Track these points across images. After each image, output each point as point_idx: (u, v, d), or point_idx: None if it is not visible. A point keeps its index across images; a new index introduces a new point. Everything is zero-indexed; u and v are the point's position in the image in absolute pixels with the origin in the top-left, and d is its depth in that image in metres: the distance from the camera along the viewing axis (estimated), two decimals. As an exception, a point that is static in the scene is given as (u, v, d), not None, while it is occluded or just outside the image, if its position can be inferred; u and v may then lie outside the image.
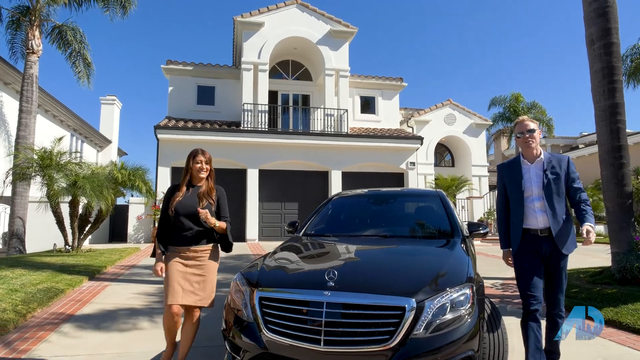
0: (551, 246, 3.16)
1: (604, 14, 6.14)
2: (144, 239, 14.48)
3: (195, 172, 3.43)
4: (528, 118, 3.30)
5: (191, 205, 3.33)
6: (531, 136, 3.23)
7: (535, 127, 3.24)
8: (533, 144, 3.24)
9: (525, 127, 3.26)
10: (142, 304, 5.80)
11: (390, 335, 2.55)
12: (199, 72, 16.77)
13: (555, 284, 3.23)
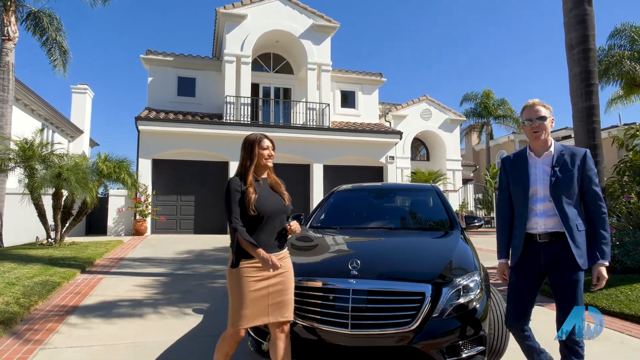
0: (552, 255, 2.60)
1: (582, 21, 6.58)
2: (124, 232, 14.32)
3: (263, 160, 2.82)
4: (540, 102, 2.70)
5: (276, 202, 2.81)
6: (541, 125, 2.65)
7: (547, 114, 2.66)
8: (543, 134, 2.66)
9: (535, 114, 2.66)
10: (143, 295, 5.88)
11: (411, 319, 2.81)
12: (179, 63, 16.57)
13: (564, 303, 2.57)
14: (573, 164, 2.62)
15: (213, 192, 15.27)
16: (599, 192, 2.61)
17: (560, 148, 2.71)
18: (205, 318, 4.86)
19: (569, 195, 2.60)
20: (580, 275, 2.56)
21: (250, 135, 2.89)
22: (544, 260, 2.62)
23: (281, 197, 2.88)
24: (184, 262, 8.72)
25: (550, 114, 2.71)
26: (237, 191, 2.71)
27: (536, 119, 2.67)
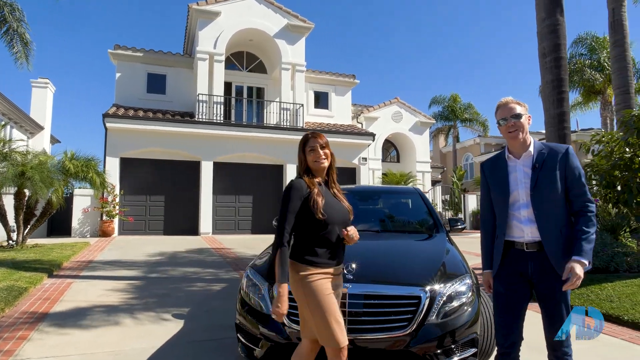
0: (540, 265, 2.36)
1: (555, 30, 6.84)
2: (90, 233, 13.77)
3: (313, 164, 2.48)
4: (513, 100, 2.50)
5: (340, 210, 2.51)
6: (517, 123, 2.43)
7: (522, 112, 2.45)
8: (520, 134, 2.44)
9: (510, 112, 2.44)
10: (117, 300, 5.66)
11: (408, 323, 2.83)
12: (149, 59, 16.10)
13: (553, 318, 2.37)
14: (555, 162, 2.40)
15: (183, 192, 14.95)
16: (585, 191, 2.37)
17: (540, 147, 2.49)
18: (185, 323, 4.72)
19: (553, 197, 2.37)
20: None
21: (302, 138, 2.59)
22: (531, 271, 2.39)
23: (344, 205, 2.55)
24: (157, 265, 8.47)
25: (526, 111, 2.50)
26: (300, 198, 2.37)
27: (511, 117, 2.44)
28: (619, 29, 8.81)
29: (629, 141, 6.46)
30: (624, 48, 8.71)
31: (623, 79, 8.64)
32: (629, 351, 3.84)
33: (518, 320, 2.46)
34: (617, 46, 8.81)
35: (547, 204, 2.37)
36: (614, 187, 6.82)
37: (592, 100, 21.76)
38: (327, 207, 2.40)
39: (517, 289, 2.44)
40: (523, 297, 2.45)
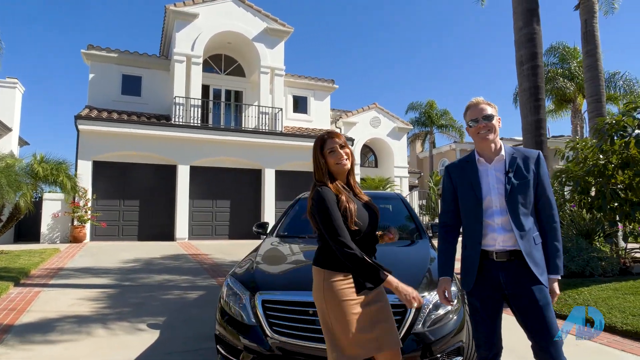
0: (513, 276, 2.23)
1: (532, 39, 6.97)
2: (60, 239, 13.27)
3: (335, 167, 2.28)
4: (484, 100, 2.37)
5: (372, 213, 2.35)
6: (488, 125, 2.30)
7: (493, 113, 2.33)
8: (491, 135, 2.31)
9: (480, 112, 2.31)
10: (89, 310, 5.43)
11: (394, 332, 2.77)
12: (124, 60, 15.70)
13: (535, 327, 2.20)
14: (527, 168, 2.30)
15: (159, 196, 14.61)
16: (551, 200, 2.31)
17: (511, 151, 2.37)
18: (162, 333, 4.55)
19: (526, 204, 2.26)
20: (545, 293, 2.21)
21: (316, 139, 2.37)
22: (504, 282, 2.24)
23: (372, 208, 2.36)
24: (131, 272, 8.20)
25: (497, 112, 2.37)
26: (335, 202, 2.20)
27: (482, 119, 2.30)
28: (591, 40, 9.08)
29: (603, 148, 6.62)
30: (596, 58, 8.98)
31: (595, 87, 8.89)
32: (608, 356, 3.88)
33: (497, 331, 2.36)
34: (590, 56, 9.08)
35: (521, 210, 2.26)
36: (588, 192, 6.98)
37: (563, 108, 22.39)
38: (358, 214, 2.23)
39: (491, 301, 2.32)
40: (498, 309, 2.35)
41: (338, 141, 2.28)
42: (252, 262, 3.57)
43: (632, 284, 5.83)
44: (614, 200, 6.56)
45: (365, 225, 2.26)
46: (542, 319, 2.18)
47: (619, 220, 6.70)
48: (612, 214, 6.67)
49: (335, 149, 2.26)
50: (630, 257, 7.08)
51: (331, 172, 2.30)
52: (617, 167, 6.64)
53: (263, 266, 3.45)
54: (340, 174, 2.31)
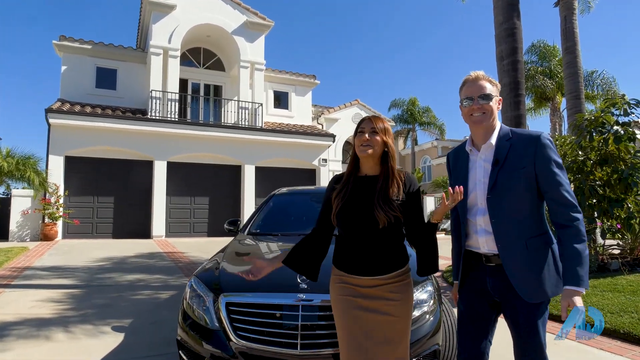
0: (501, 283, 1.92)
1: (512, 34, 6.90)
2: (30, 237, 12.77)
3: (357, 149, 2.06)
4: (485, 75, 1.98)
5: (364, 207, 2.01)
6: (484, 106, 1.93)
7: (493, 92, 1.95)
8: (486, 120, 1.94)
9: (478, 90, 1.94)
10: (51, 312, 5.14)
11: (366, 335, 2.61)
12: (98, 52, 15.18)
13: (518, 343, 1.92)
14: (523, 156, 1.87)
15: (134, 193, 14.20)
16: (565, 193, 1.82)
17: (506, 135, 1.96)
18: (126, 337, 4.31)
19: (516, 202, 1.87)
20: (538, 312, 1.86)
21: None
22: (491, 288, 1.96)
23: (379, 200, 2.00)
24: (101, 271, 7.88)
25: (498, 92, 2.00)
26: (329, 194, 2.16)
27: (479, 98, 1.93)
28: (571, 36, 9.09)
29: (581, 144, 6.59)
30: (575, 54, 9.00)
31: (574, 84, 8.91)
32: (586, 354, 3.80)
33: (483, 340, 2.02)
34: (569, 53, 9.10)
35: (509, 210, 1.87)
36: (567, 189, 6.95)
37: (542, 107, 22.64)
38: (345, 207, 2.03)
39: (477, 308, 2.02)
40: (486, 317, 2.02)
41: (373, 125, 2.04)
42: (218, 262, 3.37)
43: (610, 281, 5.81)
44: (593, 197, 6.53)
45: (351, 218, 2.01)
46: (525, 337, 1.89)
47: (597, 217, 6.68)
48: (591, 211, 6.65)
49: (364, 130, 2.04)
50: (607, 254, 7.08)
51: (357, 156, 2.09)
52: (595, 163, 6.62)
53: (229, 266, 3.25)
54: (363, 159, 2.07)
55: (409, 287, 2.09)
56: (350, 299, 2.02)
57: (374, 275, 2.00)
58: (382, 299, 1.99)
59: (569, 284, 1.77)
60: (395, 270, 2.03)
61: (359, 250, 2.02)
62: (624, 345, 3.95)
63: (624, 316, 4.44)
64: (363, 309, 1.99)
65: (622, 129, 6.22)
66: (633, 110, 6.45)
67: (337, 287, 2.09)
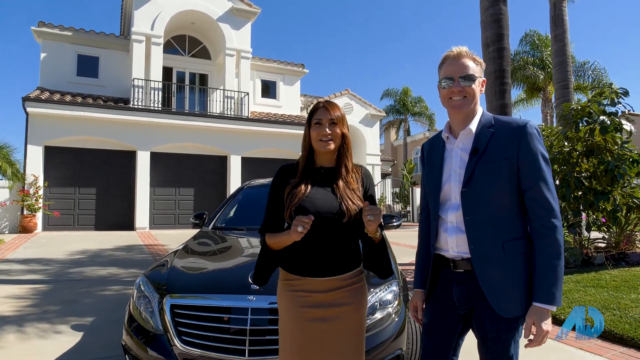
0: (471, 294, 1.66)
1: (498, 20, 6.65)
2: (8, 229, 12.46)
3: (316, 143, 1.85)
4: (468, 52, 1.71)
5: (328, 202, 1.81)
6: (466, 89, 1.67)
7: (476, 73, 1.68)
8: (467, 105, 1.69)
9: (459, 70, 1.67)
10: (10, 310, 4.89)
11: (320, 340, 2.40)
12: (79, 39, 14.74)
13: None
14: (506, 146, 1.62)
15: (117, 184, 13.89)
16: (547, 194, 1.57)
17: (488, 122, 1.70)
18: (84, 337, 4.07)
19: (495, 196, 1.61)
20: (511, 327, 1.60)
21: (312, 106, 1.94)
22: (457, 297, 1.70)
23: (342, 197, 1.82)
24: (75, 265, 7.63)
25: (482, 72, 1.72)
26: (280, 188, 1.90)
27: (460, 79, 1.66)
28: (560, 23, 8.86)
29: (568, 135, 6.40)
30: (564, 42, 8.77)
31: (563, 73, 8.70)
32: (563, 353, 3.62)
33: (448, 355, 1.80)
34: (558, 40, 8.87)
35: (485, 207, 1.62)
36: (553, 181, 6.77)
37: (534, 97, 22.48)
38: (307, 202, 1.79)
39: (443, 321, 1.77)
40: (452, 333, 1.77)
41: (331, 115, 1.85)
42: (170, 260, 3.13)
43: (594, 276, 5.65)
44: (578, 189, 6.36)
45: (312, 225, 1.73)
46: (494, 357, 1.64)
47: (583, 209, 6.52)
48: (576, 203, 6.48)
49: (321, 122, 1.84)
50: (593, 248, 6.93)
51: (313, 147, 1.89)
52: (582, 154, 6.44)
53: (181, 264, 3.02)
54: (322, 154, 1.89)
55: (364, 289, 1.91)
56: (302, 311, 1.80)
57: (331, 276, 1.80)
58: (338, 305, 1.81)
59: (538, 300, 1.54)
60: (352, 269, 1.86)
61: (317, 248, 1.81)
62: (604, 344, 3.77)
63: (605, 313, 4.26)
64: (317, 320, 1.79)
65: (608, 119, 6.03)
66: (621, 100, 6.25)
67: (286, 295, 1.86)
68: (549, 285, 1.52)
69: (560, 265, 1.55)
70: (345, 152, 1.91)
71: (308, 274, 1.82)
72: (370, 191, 1.96)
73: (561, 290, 1.55)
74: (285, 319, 1.85)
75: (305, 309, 1.79)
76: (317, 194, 1.82)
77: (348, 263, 1.85)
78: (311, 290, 1.80)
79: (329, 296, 1.80)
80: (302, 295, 1.81)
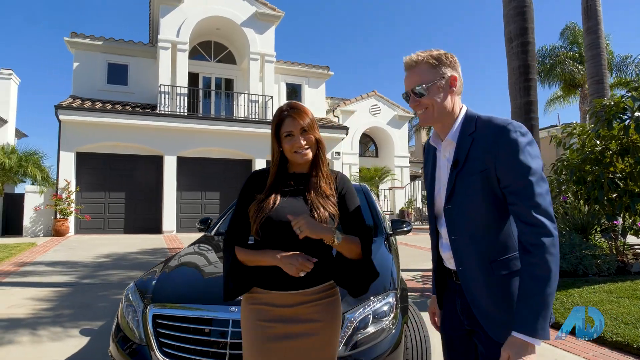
0: (468, 308, 1.52)
1: (522, 12, 6.29)
2: (43, 233, 12.94)
3: (292, 155, 1.70)
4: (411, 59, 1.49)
5: (297, 210, 1.66)
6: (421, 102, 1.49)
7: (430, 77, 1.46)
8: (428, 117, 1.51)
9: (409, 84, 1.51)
10: (27, 312, 4.98)
11: (305, 356, 2.24)
12: (109, 48, 15.20)
13: None
14: (485, 154, 1.41)
15: (145, 188, 14.18)
16: (531, 209, 1.33)
17: (470, 126, 1.48)
18: (90, 341, 4.08)
19: (476, 212, 1.45)
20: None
21: (276, 110, 1.79)
22: (460, 310, 1.58)
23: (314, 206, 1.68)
24: (98, 268, 7.78)
25: (436, 71, 1.47)
26: (248, 198, 1.76)
27: (412, 93, 1.49)
28: (593, 15, 8.33)
29: (600, 133, 5.97)
30: (597, 35, 8.24)
31: (596, 67, 8.16)
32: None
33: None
34: (591, 33, 8.34)
35: (468, 225, 1.47)
36: (585, 182, 6.33)
37: (572, 94, 21.48)
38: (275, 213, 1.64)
39: (453, 334, 1.64)
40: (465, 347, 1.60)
41: (300, 123, 1.67)
42: (160, 268, 3.06)
43: (629, 285, 5.21)
44: (612, 191, 5.91)
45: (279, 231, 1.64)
46: None
47: (618, 213, 6.05)
48: (610, 207, 6.02)
49: (292, 133, 1.67)
50: (630, 254, 6.43)
51: (288, 160, 1.74)
52: (616, 154, 5.98)
53: (172, 272, 2.93)
54: (300, 165, 1.74)
55: (336, 305, 1.74)
56: (263, 325, 1.65)
57: (295, 289, 1.64)
58: (304, 321, 1.65)
59: (517, 329, 1.31)
60: (320, 283, 1.69)
61: None
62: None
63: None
64: (280, 338, 1.63)
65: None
66: (659, 93, 5.75)
67: (248, 309, 1.71)
68: (528, 312, 1.29)
69: (547, 291, 1.30)
70: (320, 159, 1.75)
71: (271, 287, 1.67)
72: (346, 196, 1.77)
73: (547, 320, 1.30)
74: (245, 333, 1.70)
75: (267, 323, 1.64)
76: (285, 204, 1.68)
77: (316, 276, 1.67)
78: (274, 304, 1.66)
79: (294, 311, 1.65)
80: (264, 310, 1.66)
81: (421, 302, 5.41)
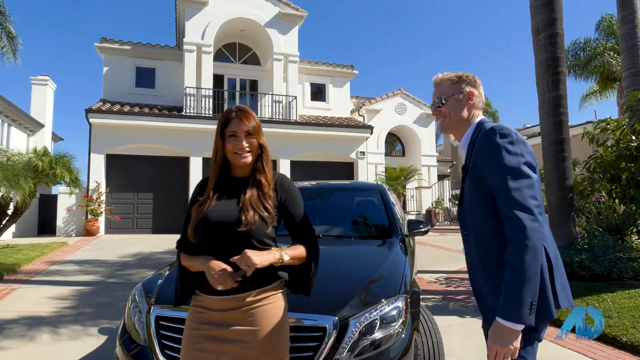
0: None
1: (549, 2, 6.00)
2: (75, 232, 13.38)
3: (232, 156, 1.71)
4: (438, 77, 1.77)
5: (228, 212, 1.67)
6: (440, 111, 1.73)
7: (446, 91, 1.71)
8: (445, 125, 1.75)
9: (434, 96, 1.76)
10: (51, 310, 5.11)
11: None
12: (137, 52, 15.58)
13: None
14: (475, 159, 1.59)
15: (172, 188, 14.44)
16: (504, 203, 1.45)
17: (474, 136, 1.65)
18: (108, 340, 4.14)
19: (477, 211, 1.60)
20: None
21: (223, 112, 1.81)
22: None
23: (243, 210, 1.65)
24: (123, 267, 7.94)
25: (454, 87, 1.69)
26: (192, 202, 1.80)
27: (435, 105, 1.74)
28: (629, 3, 7.86)
29: (635, 128, 5.62)
30: (634, 24, 7.76)
31: (633, 58, 7.70)
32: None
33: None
34: (627, 22, 7.87)
35: (472, 224, 1.66)
36: (620, 180, 5.97)
37: (608, 89, 20.53)
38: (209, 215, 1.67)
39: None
40: None
41: (246, 125, 1.69)
42: (171, 267, 3.03)
43: (668, 291, 4.87)
44: (650, 189, 5.55)
45: (211, 233, 1.67)
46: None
47: (657, 212, 5.68)
48: (647, 206, 5.67)
49: (237, 134, 1.69)
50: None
51: (229, 161, 1.76)
52: (653, 150, 5.62)
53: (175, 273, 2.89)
54: (240, 168, 1.75)
55: (276, 311, 1.70)
56: (197, 327, 1.67)
57: (228, 295, 1.62)
58: (237, 326, 1.63)
59: (498, 314, 1.44)
60: (252, 289, 1.65)
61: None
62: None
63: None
64: (213, 340, 1.63)
65: (685, 107, 5.20)
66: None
67: (190, 311, 1.76)
68: (503, 299, 1.42)
69: (518, 279, 1.39)
70: (263, 163, 1.76)
71: (205, 292, 1.69)
72: (287, 204, 1.77)
73: (523, 306, 1.37)
74: (183, 335, 1.74)
75: (201, 325, 1.67)
76: (218, 206, 1.70)
77: (249, 282, 1.62)
78: (210, 308, 1.67)
79: (226, 316, 1.64)
80: (200, 312, 1.69)
81: (443, 305, 5.23)
